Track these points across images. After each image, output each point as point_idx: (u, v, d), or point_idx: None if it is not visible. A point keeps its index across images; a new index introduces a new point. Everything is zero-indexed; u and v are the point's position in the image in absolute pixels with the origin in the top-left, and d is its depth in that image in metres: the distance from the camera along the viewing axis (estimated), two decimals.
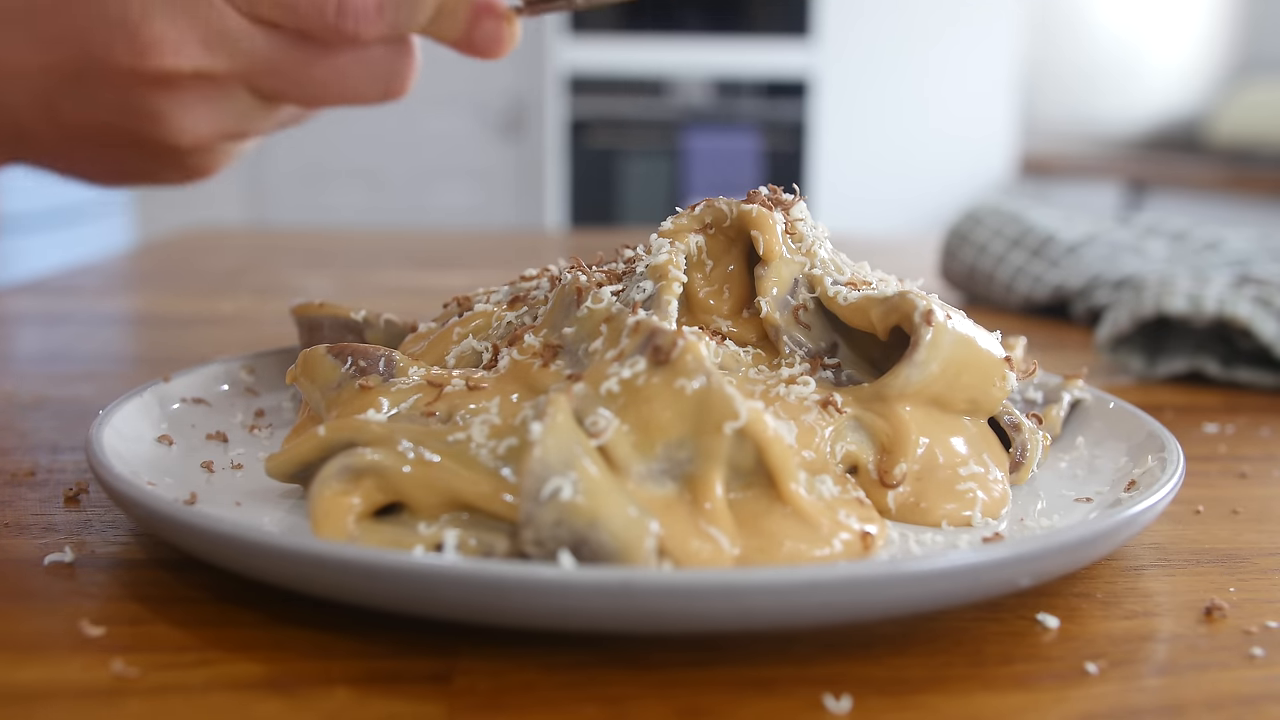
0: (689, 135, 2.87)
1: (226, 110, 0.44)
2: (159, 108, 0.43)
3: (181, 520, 0.28)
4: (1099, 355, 0.62)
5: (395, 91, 0.46)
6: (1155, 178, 2.79)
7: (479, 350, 0.38)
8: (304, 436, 0.33)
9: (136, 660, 0.26)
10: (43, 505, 0.37)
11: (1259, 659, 0.29)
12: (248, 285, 0.91)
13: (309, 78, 0.44)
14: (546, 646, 0.28)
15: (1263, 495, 0.42)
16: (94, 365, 0.61)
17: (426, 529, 0.30)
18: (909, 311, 0.35)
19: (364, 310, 0.45)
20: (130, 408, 0.39)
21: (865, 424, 0.35)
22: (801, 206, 0.40)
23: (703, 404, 0.30)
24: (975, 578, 0.27)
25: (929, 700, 0.26)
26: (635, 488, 0.30)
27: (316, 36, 0.43)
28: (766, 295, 0.38)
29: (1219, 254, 0.78)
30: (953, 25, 2.91)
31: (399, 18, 0.43)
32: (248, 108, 0.45)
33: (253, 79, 0.43)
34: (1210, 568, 0.34)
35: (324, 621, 0.28)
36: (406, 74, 0.46)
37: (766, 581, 0.25)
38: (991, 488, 0.35)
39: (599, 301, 0.35)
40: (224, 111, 0.44)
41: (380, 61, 0.45)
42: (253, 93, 0.44)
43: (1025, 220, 0.83)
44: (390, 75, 0.45)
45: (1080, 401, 0.44)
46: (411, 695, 0.26)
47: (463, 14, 0.45)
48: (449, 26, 0.45)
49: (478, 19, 0.45)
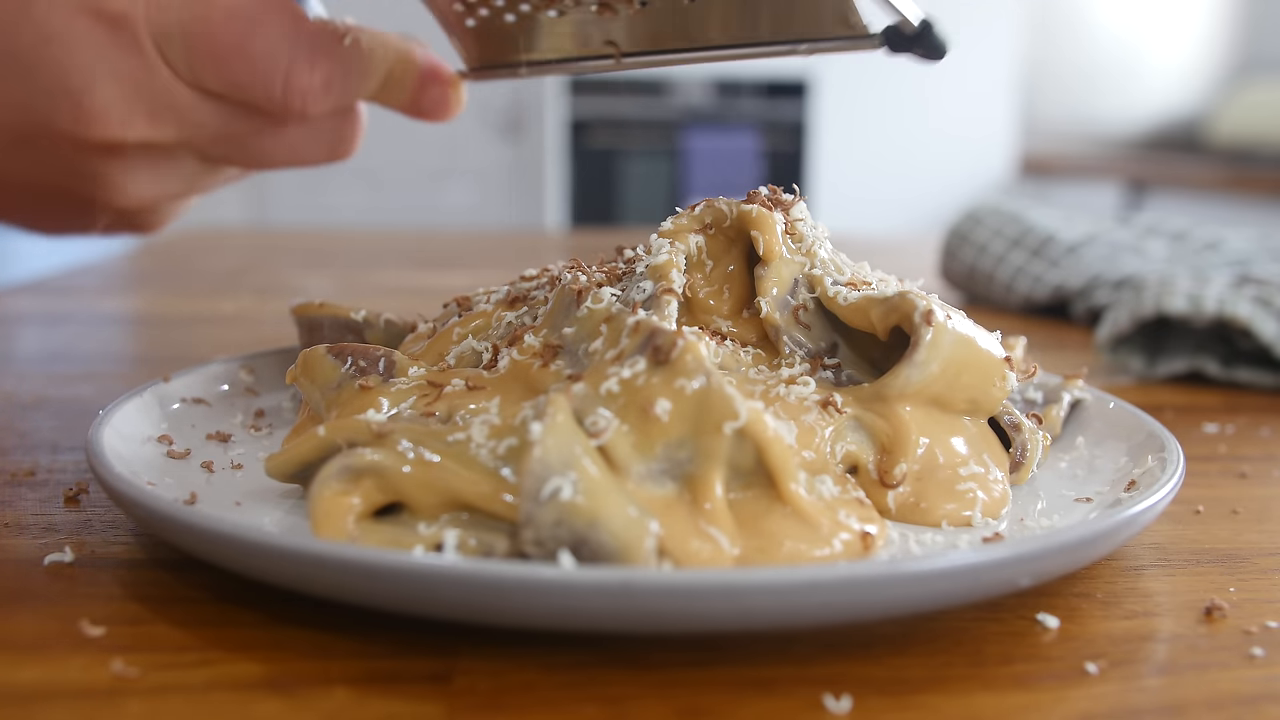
0: (689, 135, 2.87)
1: (171, 174, 0.44)
2: (103, 172, 0.42)
3: (181, 520, 0.28)
4: (1099, 355, 0.62)
5: (341, 155, 0.46)
6: (1155, 178, 2.79)
7: (479, 350, 0.38)
8: (304, 436, 0.33)
9: (136, 660, 0.26)
10: (43, 505, 0.37)
11: (1259, 659, 0.29)
12: (248, 285, 0.91)
13: (256, 146, 0.44)
14: (546, 646, 0.28)
15: (1263, 495, 0.42)
16: (94, 365, 0.61)
17: (426, 529, 0.30)
18: (909, 311, 0.35)
19: (364, 310, 0.45)
20: (130, 408, 0.39)
21: (865, 424, 0.35)
22: (801, 206, 0.40)
23: (703, 404, 0.30)
24: (975, 578, 0.27)
25: (929, 700, 0.26)
26: (635, 488, 0.30)
27: (263, 111, 0.42)
28: (766, 295, 0.38)
29: (1219, 254, 0.78)
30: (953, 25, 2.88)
31: (345, 92, 0.43)
32: (193, 171, 0.45)
33: (199, 146, 0.43)
34: (1210, 568, 0.34)
35: (324, 621, 0.28)
36: (352, 139, 0.46)
37: (766, 581, 0.25)
38: (992, 488, 0.35)
39: (599, 301, 0.35)
40: (169, 175, 0.44)
41: (326, 129, 0.45)
42: (199, 158, 0.44)
43: (1025, 220, 0.83)
44: (336, 141, 0.46)
45: (1080, 401, 0.44)
46: (411, 695, 0.26)
47: (410, 83, 0.45)
48: (396, 94, 0.45)
49: (424, 86, 0.45)
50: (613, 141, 2.88)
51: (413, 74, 0.45)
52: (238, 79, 0.41)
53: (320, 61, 0.42)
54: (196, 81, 0.41)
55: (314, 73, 0.41)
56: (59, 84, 0.39)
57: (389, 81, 0.45)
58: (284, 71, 0.41)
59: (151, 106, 0.41)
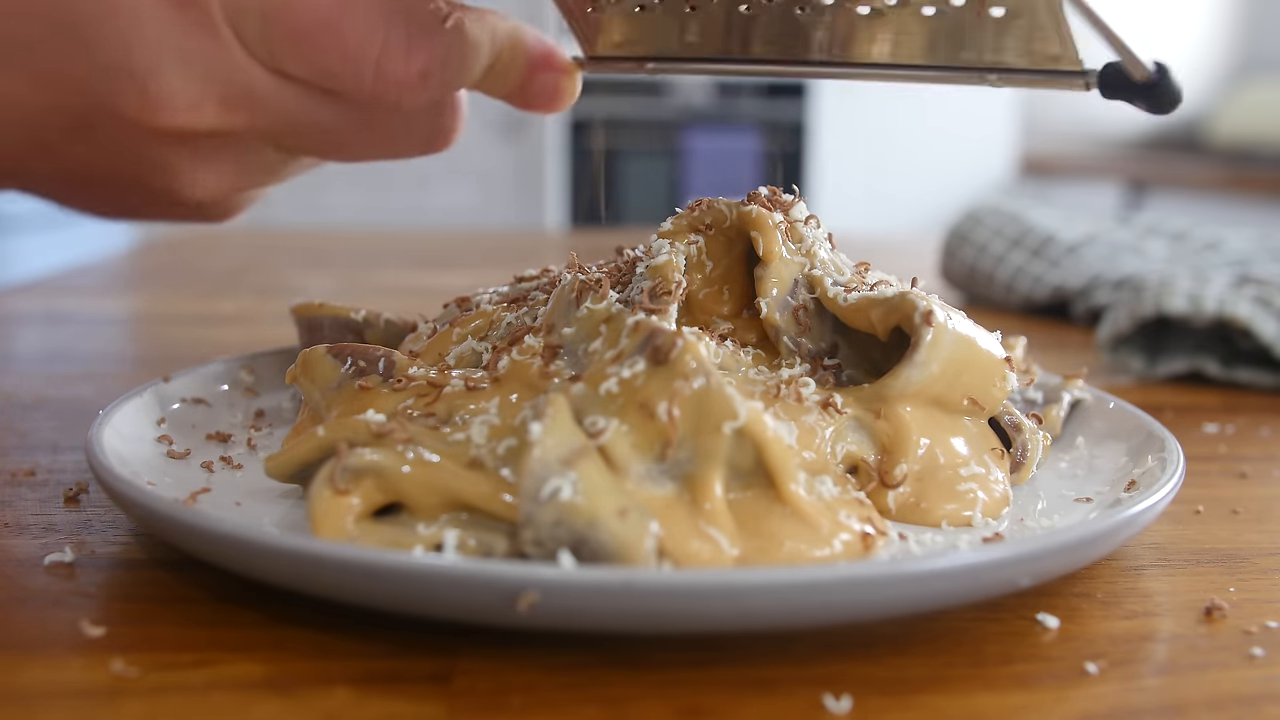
0: (689, 135, 2.87)
1: (246, 165, 0.40)
2: (171, 162, 0.38)
3: (181, 520, 0.28)
4: (1099, 355, 0.62)
5: (437, 147, 0.42)
6: (1155, 178, 2.79)
7: (479, 351, 0.38)
8: (304, 436, 0.33)
9: (136, 660, 0.26)
10: (43, 505, 0.37)
11: (1259, 659, 0.29)
12: (248, 285, 0.91)
13: (341, 137, 0.39)
14: (546, 646, 0.28)
15: (1263, 495, 0.42)
16: (94, 365, 0.61)
17: (426, 529, 0.30)
18: (909, 312, 0.35)
19: (364, 310, 0.45)
20: (130, 408, 0.39)
21: (866, 424, 0.35)
22: (801, 207, 0.40)
23: (702, 404, 0.30)
24: (975, 578, 0.27)
25: (929, 700, 0.26)
26: (635, 488, 0.30)
27: (351, 100, 0.38)
28: (766, 296, 0.38)
29: (1219, 254, 0.78)
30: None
31: (445, 84, 0.38)
32: (270, 162, 0.40)
33: (277, 136, 0.39)
34: (1210, 568, 0.34)
35: (324, 621, 0.28)
36: (450, 131, 0.41)
37: (766, 581, 0.25)
38: (992, 488, 0.35)
39: (599, 302, 0.35)
40: (243, 166, 0.40)
41: (421, 120, 0.40)
42: (277, 147, 0.40)
43: (1025, 220, 0.83)
44: (432, 133, 0.41)
45: (1080, 401, 0.44)
46: (411, 695, 0.26)
47: (517, 70, 0.40)
48: (501, 82, 0.40)
49: (534, 73, 0.40)
50: (613, 141, 2.88)
51: (521, 60, 0.40)
52: (322, 64, 0.36)
53: (419, 47, 0.37)
54: (275, 65, 0.36)
55: (410, 60, 0.37)
56: (122, 62, 0.35)
57: (496, 68, 0.40)
58: (376, 58, 0.36)
59: (225, 92, 0.36)
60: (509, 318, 0.39)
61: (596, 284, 0.36)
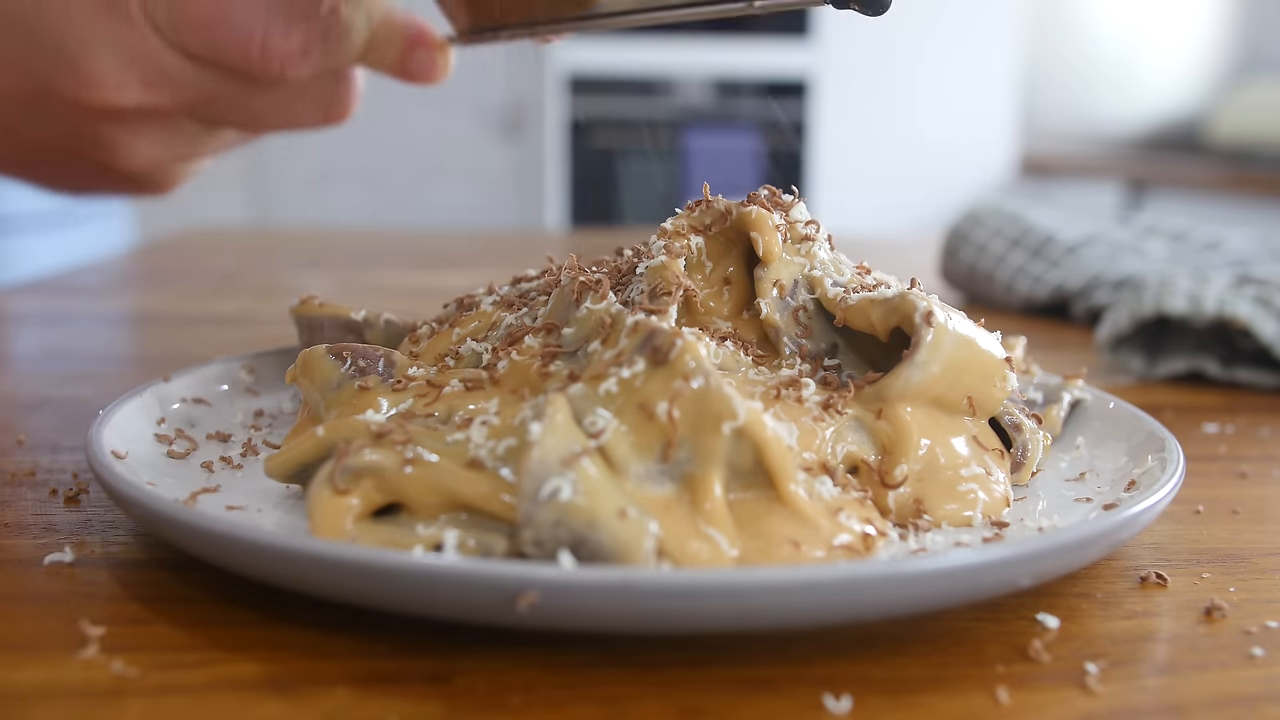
0: (689, 135, 2.87)
1: (173, 137, 0.46)
2: (108, 136, 0.44)
3: (181, 520, 0.28)
4: (1099, 355, 0.62)
5: (335, 118, 0.48)
6: (1155, 178, 2.79)
7: (479, 351, 0.38)
8: (303, 436, 0.33)
9: (136, 660, 0.26)
10: (43, 505, 0.37)
11: (1259, 659, 0.29)
12: (248, 285, 0.91)
13: (247, 108, 0.46)
14: (546, 646, 0.28)
15: (1263, 495, 0.42)
16: (94, 365, 0.61)
17: (425, 529, 0.30)
18: (909, 312, 0.35)
19: (364, 310, 0.45)
20: (130, 408, 0.39)
21: (866, 425, 0.35)
22: (801, 207, 0.40)
23: (702, 404, 0.30)
24: (975, 578, 0.27)
25: (929, 700, 0.26)
26: (634, 488, 0.30)
27: (246, 74, 0.44)
28: (766, 296, 0.38)
29: (1219, 254, 0.78)
30: (952, 25, 2.91)
31: (326, 56, 0.44)
32: (193, 134, 0.47)
33: (194, 110, 0.45)
34: (1210, 568, 0.34)
35: (324, 621, 0.28)
36: (346, 102, 0.48)
37: (766, 581, 0.25)
38: (992, 488, 0.35)
39: (599, 302, 0.35)
40: (170, 138, 0.46)
41: (317, 92, 0.46)
42: (197, 121, 0.46)
43: (1025, 220, 0.83)
44: (329, 104, 0.47)
45: (1080, 401, 0.44)
46: (411, 695, 0.26)
47: (395, 46, 0.46)
48: (382, 58, 0.46)
49: (410, 49, 0.46)
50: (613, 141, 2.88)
51: (397, 38, 0.46)
52: (217, 44, 0.42)
53: (296, 26, 0.43)
54: (183, 47, 0.43)
55: (290, 37, 0.43)
56: (58, 46, 0.41)
57: (374, 45, 0.46)
58: (260, 36, 0.42)
59: (144, 72, 0.42)
60: (509, 318, 0.39)
61: (596, 284, 0.36)
